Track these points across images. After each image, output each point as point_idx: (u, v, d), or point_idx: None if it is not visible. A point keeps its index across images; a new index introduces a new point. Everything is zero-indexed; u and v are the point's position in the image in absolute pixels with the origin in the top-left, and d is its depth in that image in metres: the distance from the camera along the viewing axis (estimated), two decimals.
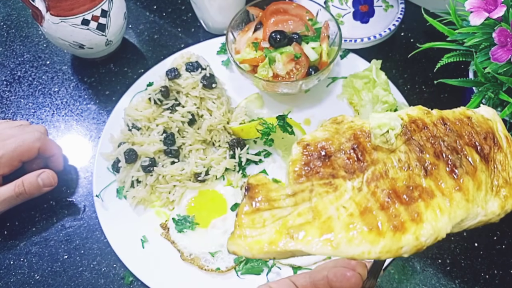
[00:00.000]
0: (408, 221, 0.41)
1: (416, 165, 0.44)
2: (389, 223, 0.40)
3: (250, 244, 0.41)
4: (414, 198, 0.42)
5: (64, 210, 0.97)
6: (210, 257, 0.87)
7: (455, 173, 0.44)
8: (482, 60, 0.79)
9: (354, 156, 0.44)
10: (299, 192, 0.42)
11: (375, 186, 0.42)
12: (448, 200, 0.42)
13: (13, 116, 1.12)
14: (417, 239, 0.40)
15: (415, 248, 0.41)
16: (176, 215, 0.92)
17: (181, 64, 1.02)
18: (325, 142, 0.45)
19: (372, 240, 0.40)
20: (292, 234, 0.40)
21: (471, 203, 0.43)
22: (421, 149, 0.44)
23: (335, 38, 1.02)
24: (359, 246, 0.39)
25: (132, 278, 0.88)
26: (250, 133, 0.97)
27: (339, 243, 0.39)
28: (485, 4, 0.76)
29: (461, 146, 0.45)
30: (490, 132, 0.47)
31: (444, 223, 0.42)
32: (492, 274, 0.85)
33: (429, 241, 0.41)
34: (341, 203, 0.41)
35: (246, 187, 0.43)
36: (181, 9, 1.28)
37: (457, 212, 0.42)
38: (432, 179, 0.43)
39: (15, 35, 1.27)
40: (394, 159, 0.44)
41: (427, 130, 0.46)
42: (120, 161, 0.95)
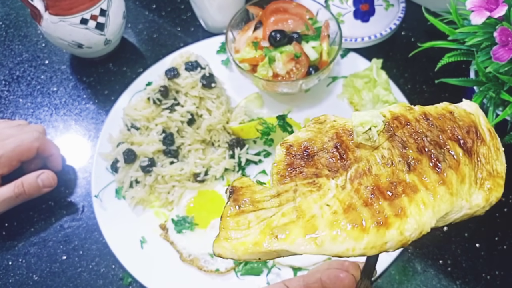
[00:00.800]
0: (392, 217, 0.41)
1: (399, 161, 0.44)
2: (373, 219, 0.41)
3: (235, 246, 0.41)
4: (398, 194, 0.42)
5: (62, 211, 0.97)
6: (210, 258, 0.87)
7: (438, 167, 0.44)
8: (483, 59, 0.79)
9: (337, 154, 0.44)
10: (283, 193, 0.43)
11: (358, 183, 0.43)
12: (432, 195, 0.43)
13: (12, 115, 1.12)
14: (402, 234, 0.41)
15: (400, 243, 0.41)
16: (175, 215, 0.91)
17: (180, 64, 1.01)
18: (308, 142, 0.45)
19: (356, 237, 0.40)
20: (276, 234, 0.40)
21: (455, 197, 0.43)
22: (404, 145, 0.45)
23: (336, 37, 1.01)
24: (343, 243, 0.40)
25: (131, 279, 0.87)
26: (250, 133, 0.97)
27: (323, 241, 0.40)
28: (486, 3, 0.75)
29: (444, 140, 0.45)
30: (473, 126, 0.47)
31: (428, 217, 0.42)
32: (494, 275, 0.85)
33: (413, 235, 0.41)
34: (325, 201, 0.42)
35: (231, 189, 0.43)
36: (181, 8, 1.28)
37: (441, 205, 0.43)
38: (416, 174, 0.43)
39: (13, 34, 1.27)
40: (377, 156, 0.44)
41: (409, 126, 0.46)
42: (119, 161, 0.95)
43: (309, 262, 0.86)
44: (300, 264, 0.86)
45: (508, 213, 0.90)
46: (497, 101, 0.80)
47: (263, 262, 0.86)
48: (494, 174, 0.46)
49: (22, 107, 1.13)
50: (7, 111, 1.12)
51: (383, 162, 0.44)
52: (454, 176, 0.44)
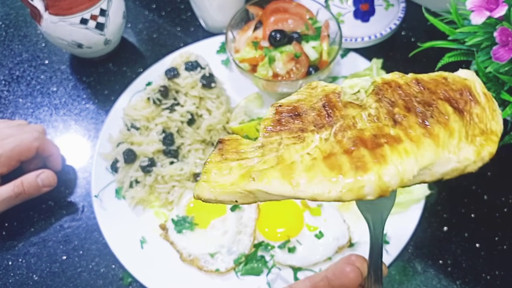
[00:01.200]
0: (371, 162, 0.40)
1: (386, 117, 0.43)
2: (351, 164, 0.40)
3: (213, 186, 0.42)
4: (380, 144, 0.41)
5: (62, 211, 0.97)
6: (210, 258, 0.87)
7: (425, 122, 0.43)
8: (483, 59, 0.79)
9: (324, 112, 0.45)
10: (268, 144, 0.43)
11: (341, 135, 0.42)
12: (416, 145, 0.41)
13: (12, 115, 1.12)
14: (380, 178, 0.40)
15: (379, 188, 0.39)
16: (175, 215, 0.91)
17: (180, 64, 1.01)
18: (297, 103, 0.46)
19: (333, 179, 0.39)
20: (254, 176, 0.41)
21: (441, 148, 0.42)
22: (392, 104, 0.44)
23: (336, 37, 1.01)
24: (319, 184, 0.39)
25: (131, 279, 0.87)
26: (250, 132, 0.97)
27: (298, 183, 0.40)
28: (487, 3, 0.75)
29: (434, 100, 0.45)
30: (467, 89, 0.46)
31: (409, 164, 0.41)
32: (494, 275, 0.84)
33: (393, 182, 0.40)
34: (306, 151, 0.42)
35: (218, 141, 0.45)
36: (180, 8, 1.28)
37: (425, 154, 0.41)
38: (401, 128, 0.42)
39: (13, 34, 1.27)
40: (364, 114, 0.44)
41: (399, 89, 0.45)
42: (118, 161, 0.95)
43: (309, 262, 0.86)
44: (300, 264, 0.86)
45: (508, 213, 0.90)
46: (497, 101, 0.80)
47: (263, 262, 0.86)
48: (487, 132, 0.45)
49: (22, 107, 1.13)
50: (7, 111, 1.12)
51: (369, 119, 0.43)
52: (442, 130, 0.43)
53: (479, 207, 0.91)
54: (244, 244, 0.87)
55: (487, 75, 0.79)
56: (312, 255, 0.86)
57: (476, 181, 0.94)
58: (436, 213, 0.91)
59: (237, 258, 0.86)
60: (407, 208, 0.89)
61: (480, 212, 0.91)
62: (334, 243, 0.87)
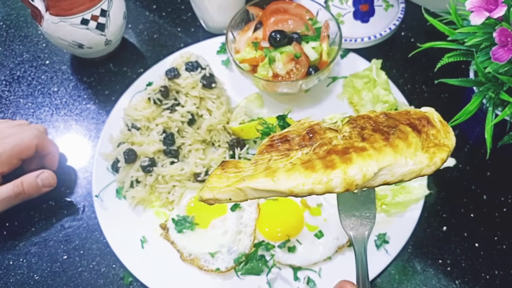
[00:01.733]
0: (339, 163, 0.50)
1: (356, 136, 0.53)
2: (323, 164, 0.50)
3: (212, 189, 0.52)
4: (348, 152, 0.51)
5: (63, 211, 0.97)
6: (210, 258, 0.87)
7: (388, 138, 0.52)
8: (482, 59, 0.79)
9: (307, 136, 0.55)
10: (260, 161, 0.54)
11: (319, 149, 0.53)
12: (378, 152, 0.51)
13: (13, 116, 1.12)
14: (346, 173, 0.49)
15: (345, 182, 0.49)
16: (175, 215, 0.91)
17: (180, 64, 1.02)
18: (287, 133, 0.57)
19: (306, 175, 0.49)
20: (245, 179, 0.51)
21: (400, 154, 0.51)
22: (362, 128, 0.54)
23: (335, 38, 1.01)
24: (296, 179, 0.50)
25: (132, 278, 0.88)
26: (250, 133, 0.97)
27: (279, 178, 0.50)
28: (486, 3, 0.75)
29: (397, 124, 0.54)
30: (425, 117, 0.56)
31: (371, 164, 0.50)
32: (493, 275, 0.85)
33: (357, 177, 0.49)
34: (290, 161, 0.52)
35: (221, 162, 0.56)
36: (181, 9, 1.28)
37: (385, 158, 0.50)
38: (368, 142, 0.52)
39: (14, 34, 1.27)
40: (339, 136, 0.54)
41: (370, 119, 0.55)
42: (119, 161, 0.95)
43: (309, 262, 0.86)
44: (300, 264, 0.86)
45: (508, 213, 0.90)
46: (497, 101, 0.80)
47: (263, 261, 0.86)
48: (440, 145, 0.54)
49: (23, 107, 1.13)
50: (8, 111, 1.13)
51: (343, 138, 0.54)
52: (401, 142, 0.52)
53: (478, 207, 0.91)
54: (244, 244, 0.88)
55: (486, 75, 0.80)
56: (312, 255, 0.86)
57: (476, 181, 0.94)
58: (435, 213, 0.91)
59: (237, 258, 0.86)
60: (406, 208, 0.89)
61: (479, 212, 0.91)
62: (334, 243, 0.87)
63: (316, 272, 0.86)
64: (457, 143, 0.97)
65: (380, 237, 0.87)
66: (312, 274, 0.86)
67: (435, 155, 0.52)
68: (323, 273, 0.86)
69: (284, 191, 0.49)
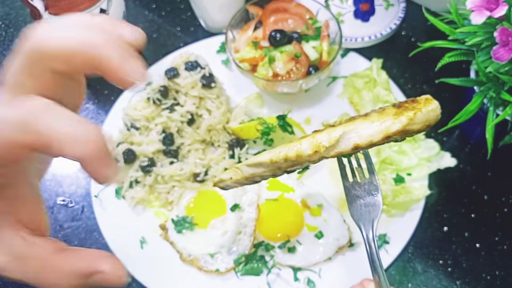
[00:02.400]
0: (311, 136, 0.54)
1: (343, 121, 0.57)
2: (299, 139, 0.55)
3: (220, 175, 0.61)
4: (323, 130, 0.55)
5: (62, 211, 0.97)
6: (210, 258, 0.87)
7: (367, 115, 0.54)
8: (483, 59, 0.79)
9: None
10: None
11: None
12: (350, 123, 0.54)
13: None
14: (314, 138, 0.53)
15: (312, 145, 0.53)
16: (175, 215, 0.91)
17: (180, 64, 1.01)
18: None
19: (284, 146, 0.55)
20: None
21: (368, 120, 0.53)
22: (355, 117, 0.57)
23: (336, 37, 1.01)
24: (275, 151, 0.56)
25: (131, 279, 0.87)
26: (250, 133, 0.97)
27: (264, 154, 0.57)
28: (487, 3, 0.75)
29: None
30: (415, 99, 0.56)
31: (337, 129, 0.53)
32: (494, 275, 0.84)
33: (324, 139, 0.53)
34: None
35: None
36: (180, 8, 1.27)
37: (352, 124, 0.53)
38: (347, 121, 0.56)
39: (13, 34, 1.27)
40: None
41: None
42: (118, 161, 0.95)
43: (309, 262, 0.86)
44: (300, 264, 0.86)
45: (508, 213, 0.90)
46: (497, 101, 0.80)
47: (263, 262, 0.86)
48: (415, 109, 0.53)
49: None
50: None
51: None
52: (376, 114, 0.53)
53: (479, 207, 0.91)
54: (244, 244, 0.87)
55: (487, 75, 0.79)
56: (312, 255, 0.86)
57: (476, 181, 0.94)
58: (436, 213, 0.91)
59: (237, 258, 0.86)
60: (407, 208, 0.89)
61: (480, 212, 0.91)
62: (334, 243, 0.86)
63: (316, 272, 0.85)
64: (458, 143, 0.98)
65: (380, 237, 0.87)
66: (312, 274, 0.85)
67: (403, 114, 0.52)
68: (323, 274, 0.85)
69: (266, 161, 0.55)
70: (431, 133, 0.96)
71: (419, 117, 0.52)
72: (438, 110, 0.54)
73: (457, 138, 0.99)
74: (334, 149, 0.53)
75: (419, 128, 0.53)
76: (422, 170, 0.91)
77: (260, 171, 0.59)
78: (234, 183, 0.63)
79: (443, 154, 0.92)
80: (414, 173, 0.91)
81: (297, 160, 0.55)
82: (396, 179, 0.90)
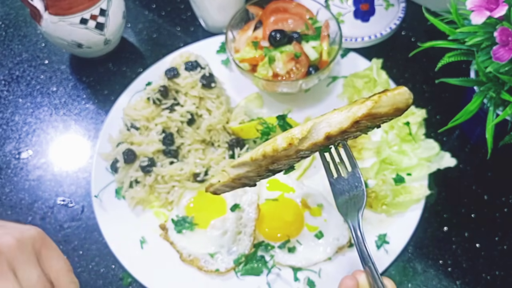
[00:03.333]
0: (286, 133, 0.59)
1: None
2: (278, 136, 0.60)
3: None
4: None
5: (62, 211, 0.97)
6: (210, 258, 0.87)
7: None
8: (483, 59, 0.79)
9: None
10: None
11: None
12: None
13: (11, 115, 1.11)
14: (289, 132, 0.58)
15: (287, 138, 0.57)
16: (175, 215, 0.91)
17: (180, 64, 1.01)
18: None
19: (263, 145, 0.60)
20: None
21: (338, 111, 0.58)
22: None
23: (336, 37, 1.01)
24: (256, 150, 0.60)
25: (131, 279, 0.87)
26: (250, 133, 0.97)
27: (245, 155, 0.61)
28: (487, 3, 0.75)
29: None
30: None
31: (309, 124, 0.57)
32: (494, 275, 0.84)
33: (296, 132, 0.57)
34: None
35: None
36: (180, 8, 1.27)
37: (322, 116, 0.58)
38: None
39: (13, 34, 1.27)
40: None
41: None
42: (118, 161, 0.95)
43: (309, 262, 0.86)
44: (300, 264, 0.86)
45: (508, 213, 0.90)
46: (497, 101, 0.80)
47: (263, 262, 0.86)
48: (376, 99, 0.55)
49: (21, 107, 1.13)
50: (7, 111, 1.12)
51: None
52: (346, 106, 0.58)
53: (479, 207, 0.91)
54: (244, 244, 0.87)
55: (487, 75, 0.79)
56: (312, 255, 0.86)
57: (477, 181, 0.94)
58: (436, 213, 0.91)
59: (237, 258, 0.86)
60: (407, 209, 0.89)
61: (480, 212, 0.91)
62: (334, 243, 0.86)
63: (316, 272, 0.85)
64: (458, 143, 0.98)
65: (380, 237, 0.87)
66: (312, 274, 0.85)
67: (369, 99, 0.55)
68: (323, 274, 0.85)
69: (247, 159, 0.59)
70: (431, 133, 0.96)
71: (385, 100, 0.54)
72: (407, 94, 0.55)
73: (457, 138, 0.99)
74: (307, 141, 0.56)
75: (386, 111, 0.55)
76: (422, 170, 0.91)
77: (244, 171, 0.62)
78: (222, 186, 0.65)
79: (443, 154, 0.92)
80: (414, 173, 0.91)
81: (275, 156, 0.58)
82: (396, 179, 0.89)
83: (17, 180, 1.02)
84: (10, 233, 0.54)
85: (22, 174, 1.03)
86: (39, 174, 1.02)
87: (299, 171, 0.96)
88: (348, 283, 0.60)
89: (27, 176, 1.02)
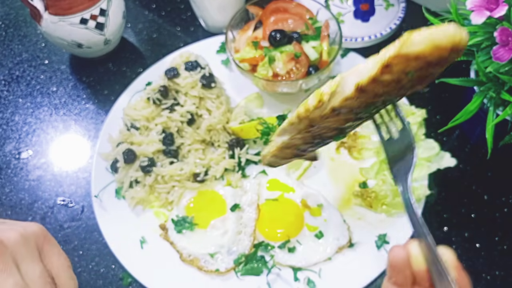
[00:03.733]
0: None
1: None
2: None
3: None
4: None
5: (62, 211, 0.97)
6: (210, 258, 0.87)
7: None
8: (483, 59, 0.78)
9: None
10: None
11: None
12: None
13: (11, 115, 1.11)
14: (319, 90, 0.54)
15: (317, 94, 0.54)
16: (175, 215, 0.91)
17: (180, 64, 1.01)
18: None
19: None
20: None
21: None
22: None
23: (336, 37, 1.01)
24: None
25: (131, 279, 0.87)
26: (250, 133, 0.97)
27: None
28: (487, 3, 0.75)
29: None
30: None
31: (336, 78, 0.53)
32: (494, 275, 0.84)
33: (325, 88, 0.53)
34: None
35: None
36: (180, 8, 1.27)
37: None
38: None
39: (13, 34, 1.27)
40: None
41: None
42: (118, 161, 0.95)
43: (309, 262, 0.86)
44: (300, 264, 0.86)
45: (508, 213, 0.90)
46: (498, 101, 0.80)
47: (263, 262, 0.86)
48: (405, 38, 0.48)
49: (21, 107, 1.13)
50: (7, 111, 1.12)
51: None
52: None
53: (479, 207, 0.91)
54: (244, 244, 0.87)
55: (487, 75, 0.79)
56: (312, 255, 0.86)
57: (477, 181, 0.94)
58: (436, 213, 0.91)
59: (237, 258, 0.86)
60: None
61: (480, 212, 0.91)
62: (334, 243, 0.86)
63: (316, 272, 0.85)
64: (458, 143, 0.98)
65: (380, 237, 0.87)
66: (312, 274, 0.85)
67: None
68: (323, 274, 0.85)
69: (286, 125, 0.59)
70: (431, 133, 0.96)
71: (417, 38, 0.44)
72: (453, 29, 0.43)
73: (457, 138, 0.99)
74: (338, 96, 0.51)
75: (422, 50, 0.44)
76: (422, 170, 0.90)
77: (287, 137, 0.60)
78: (274, 157, 0.64)
79: (443, 154, 0.92)
80: (414, 173, 0.90)
81: (309, 116, 0.54)
82: None
83: (17, 180, 1.02)
84: (14, 228, 0.55)
85: (22, 174, 1.03)
86: (39, 174, 1.02)
87: (299, 171, 0.96)
88: (398, 253, 0.53)
89: (27, 176, 1.02)
